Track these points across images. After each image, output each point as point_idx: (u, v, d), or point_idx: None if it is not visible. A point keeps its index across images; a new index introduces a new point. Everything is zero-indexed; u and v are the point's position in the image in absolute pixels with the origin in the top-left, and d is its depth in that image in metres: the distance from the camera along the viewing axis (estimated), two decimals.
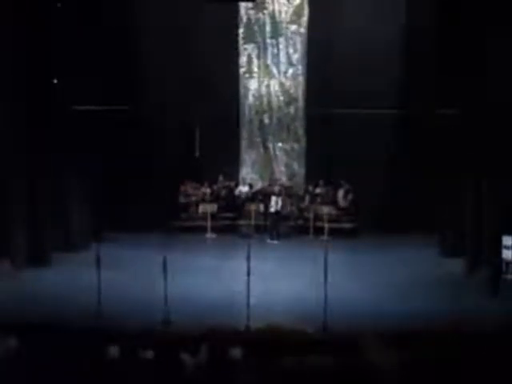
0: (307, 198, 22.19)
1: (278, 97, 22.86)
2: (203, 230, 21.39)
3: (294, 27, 22.59)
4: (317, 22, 22.06)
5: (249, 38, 22.68)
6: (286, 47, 22.67)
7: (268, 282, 15.22)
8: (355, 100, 20.69)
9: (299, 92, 22.74)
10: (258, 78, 22.84)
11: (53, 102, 17.29)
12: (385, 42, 21.35)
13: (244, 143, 23.01)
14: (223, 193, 22.48)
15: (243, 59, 22.74)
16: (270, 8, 22.47)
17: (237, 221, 22.05)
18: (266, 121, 22.95)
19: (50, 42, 16.89)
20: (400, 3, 21.44)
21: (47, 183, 17.43)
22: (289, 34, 22.62)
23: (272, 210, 21.03)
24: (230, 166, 22.78)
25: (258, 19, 22.63)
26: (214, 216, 21.68)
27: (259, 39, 22.69)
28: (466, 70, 16.40)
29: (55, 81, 17.54)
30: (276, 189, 21.67)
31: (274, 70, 22.82)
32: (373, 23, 21.42)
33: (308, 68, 22.50)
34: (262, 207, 21.64)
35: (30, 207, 16.78)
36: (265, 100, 22.89)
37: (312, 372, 7.72)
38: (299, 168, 23.00)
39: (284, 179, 22.79)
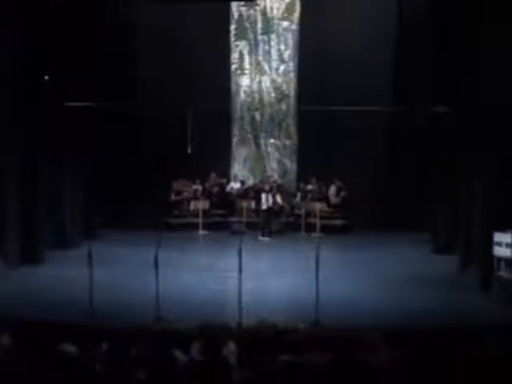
0: (299, 194, 22.22)
1: (269, 93, 22.86)
2: (195, 226, 21.38)
3: (285, 24, 22.59)
4: (308, 19, 22.09)
5: (240, 35, 22.67)
6: (278, 44, 22.68)
7: (260, 279, 15.23)
8: (347, 97, 20.72)
9: (291, 89, 22.73)
10: (250, 74, 22.83)
11: (45, 98, 17.20)
12: (377, 38, 21.40)
13: (236, 140, 23.00)
14: (215, 190, 22.47)
15: (235, 56, 22.74)
16: (262, 4, 22.46)
17: (228, 218, 22.05)
18: (258, 117, 22.94)
19: (42, 39, 16.80)
20: (392, 0, 21.49)
21: (40, 181, 17.35)
22: (280, 31, 22.63)
23: (264, 206, 21.01)
24: (222, 162, 22.79)
25: (249, 16, 22.63)
26: (205, 213, 21.68)
27: (251, 36, 22.68)
28: (459, 68, 16.41)
29: (46, 77, 17.47)
30: (268, 185, 21.67)
31: (266, 67, 22.82)
32: (365, 20, 21.49)
33: (300, 65, 22.51)
34: (253, 204, 21.65)
35: (23, 205, 16.72)
36: (256, 97, 22.89)
37: (304, 368, 7.72)
38: (291, 165, 23.01)
39: (276, 176, 22.79)
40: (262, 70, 22.83)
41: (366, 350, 7.96)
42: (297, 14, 22.43)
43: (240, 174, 23.03)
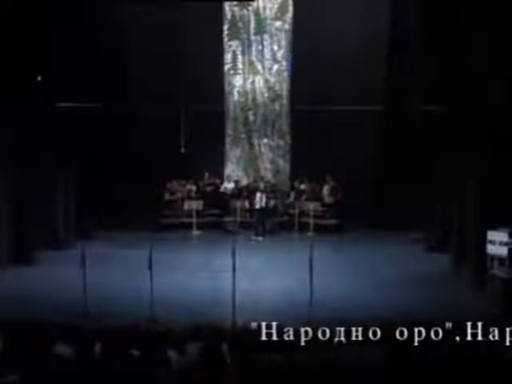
0: (292, 194, 22.26)
1: (262, 93, 22.87)
2: (189, 226, 21.38)
3: (278, 24, 22.61)
4: (301, 19, 22.10)
5: (233, 35, 22.67)
6: (271, 44, 22.69)
7: (253, 279, 15.26)
8: (340, 96, 20.75)
9: (284, 88, 22.75)
10: (243, 74, 22.85)
11: (36, 99, 17.18)
12: (369, 38, 21.44)
13: (229, 140, 23.02)
14: (209, 190, 22.49)
15: (228, 56, 22.74)
16: (255, 4, 22.44)
17: (222, 217, 22.06)
18: (251, 117, 22.96)
19: (34, 39, 16.78)
20: (384, 0, 21.51)
21: (33, 181, 17.33)
22: (273, 31, 22.65)
23: (257, 206, 21.02)
24: (216, 162, 22.79)
25: (242, 16, 22.64)
26: (199, 213, 21.67)
27: (244, 36, 22.69)
28: (452, 67, 16.43)
29: (39, 78, 17.45)
30: (261, 185, 21.69)
31: (259, 67, 22.83)
32: (357, 20, 21.54)
33: (293, 64, 22.53)
34: (247, 204, 21.66)
35: (15, 205, 16.71)
36: (250, 96, 22.90)
37: (298, 368, 7.74)
38: (284, 164, 23.03)
39: (269, 176, 22.82)
40: (255, 69, 22.85)
41: (358, 348, 7.99)
42: (289, 14, 22.44)
43: (234, 174, 23.04)
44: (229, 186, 22.56)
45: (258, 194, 21.05)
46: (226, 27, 22.63)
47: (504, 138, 14.23)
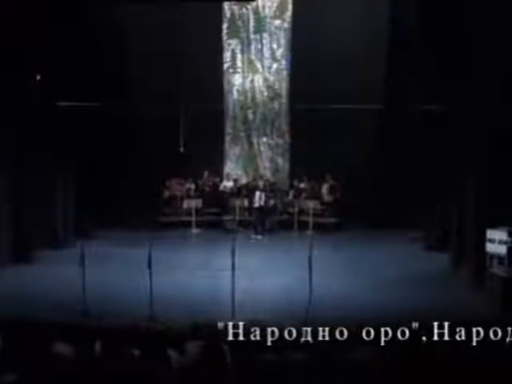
0: (291, 192, 22.27)
1: (262, 92, 22.89)
2: (188, 225, 21.39)
3: (277, 22, 22.63)
4: (301, 17, 22.12)
5: (233, 34, 22.69)
6: (270, 42, 22.72)
7: (252, 278, 15.26)
8: (339, 95, 20.75)
9: (283, 87, 22.76)
10: (242, 73, 22.87)
11: (36, 98, 17.18)
12: (369, 37, 21.45)
13: (228, 138, 23.03)
14: (208, 188, 22.49)
15: (227, 54, 22.77)
16: (254, 3, 22.45)
17: (221, 216, 22.07)
18: (251, 116, 22.98)
19: (34, 39, 16.78)
20: (383, 0, 21.52)
21: (32, 180, 17.33)
22: (272, 29, 22.67)
23: (256, 205, 21.03)
24: (215, 161, 22.81)
25: (241, 14, 22.66)
26: (198, 211, 21.68)
27: (243, 34, 22.71)
28: (451, 66, 16.44)
29: (38, 77, 17.45)
30: (260, 184, 21.71)
31: (258, 65, 22.85)
32: (357, 19, 21.54)
33: (292, 63, 22.55)
34: (246, 202, 21.68)
35: (14, 204, 16.71)
36: (249, 95, 22.92)
37: (296, 368, 7.74)
38: (283, 163, 23.05)
39: (268, 174, 22.84)
40: (255, 68, 22.87)
41: (357, 347, 7.99)
42: (289, 13, 22.47)
43: (233, 173, 23.06)
44: (228, 184, 22.57)
45: (258, 193, 21.06)
46: (225, 26, 22.65)
47: (504, 138, 14.24)
